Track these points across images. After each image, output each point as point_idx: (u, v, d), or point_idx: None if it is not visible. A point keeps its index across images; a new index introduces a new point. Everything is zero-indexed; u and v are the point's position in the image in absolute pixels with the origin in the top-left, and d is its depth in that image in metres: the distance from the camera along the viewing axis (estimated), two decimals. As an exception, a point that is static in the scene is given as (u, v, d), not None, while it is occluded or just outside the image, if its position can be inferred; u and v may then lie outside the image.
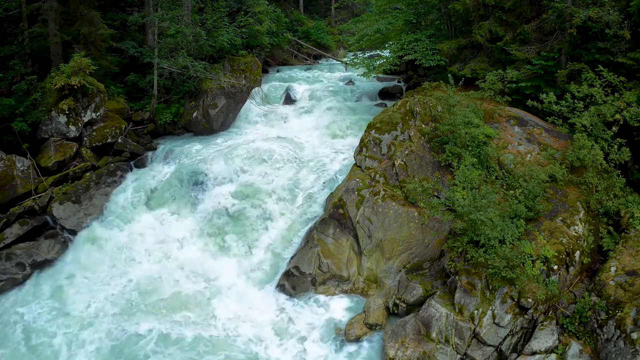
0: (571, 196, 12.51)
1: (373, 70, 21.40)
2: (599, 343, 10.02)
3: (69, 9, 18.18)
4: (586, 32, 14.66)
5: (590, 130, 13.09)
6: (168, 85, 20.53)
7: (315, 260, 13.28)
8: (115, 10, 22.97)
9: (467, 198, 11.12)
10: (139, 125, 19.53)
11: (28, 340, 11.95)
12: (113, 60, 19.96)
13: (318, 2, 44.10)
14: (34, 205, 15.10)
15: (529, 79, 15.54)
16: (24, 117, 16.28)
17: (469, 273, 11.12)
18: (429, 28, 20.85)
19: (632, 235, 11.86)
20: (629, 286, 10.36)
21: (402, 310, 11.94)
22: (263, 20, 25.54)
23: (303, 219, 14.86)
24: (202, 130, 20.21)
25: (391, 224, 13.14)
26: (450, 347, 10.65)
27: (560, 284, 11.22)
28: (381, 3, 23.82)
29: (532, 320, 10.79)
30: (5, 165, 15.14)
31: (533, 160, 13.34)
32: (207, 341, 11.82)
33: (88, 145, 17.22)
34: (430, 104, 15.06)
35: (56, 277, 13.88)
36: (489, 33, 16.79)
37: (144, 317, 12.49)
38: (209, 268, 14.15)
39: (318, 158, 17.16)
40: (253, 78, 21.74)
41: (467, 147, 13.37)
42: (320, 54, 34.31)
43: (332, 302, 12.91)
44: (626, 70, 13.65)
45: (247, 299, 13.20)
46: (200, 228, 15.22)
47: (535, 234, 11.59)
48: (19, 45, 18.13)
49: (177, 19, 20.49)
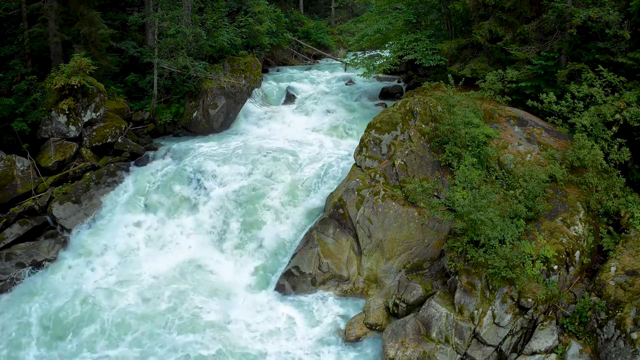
0: (571, 196, 12.51)
1: (373, 70, 21.42)
2: (599, 343, 10.02)
3: (69, 9, 18.17)
4: (586, 32, 14.66)
5: (590, 130, 13.09)
6: (168, 85, 20.53)
7: (315, 260, 13.29)
8: (115, 10, 22.95)
9: (467, 198, 11.13)
10: (139, 125, 19.53)
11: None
12: (113, 60, 19.95)
13: (318, 2, 44.09)
14: (34, 205, 15.09)
15: (529, 79, 15.54)
16: (24, 117, 16.26)
17: (469, 273, 11.12)
18: (429, 28, 20.87)
19: (632, 235, 11.87)
20: (629, 286, 10.37)
21: (402, 310, 11.94)
22: (263, 20, 25.54)
23: (303, 219, 14.86)
24: (202, 130, 20.20)
25: (391, 224, 13.14)
26: (450, 347, 10.65)
27: (560, 284, 11.22)
28: (381, 3, 23.83)
29: (532, 320, 10.80)
30: (5, 165, 15.13)
31: (533, 160, 13.34)
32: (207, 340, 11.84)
33: (88, 145, 17.22)
34: (430, 104, 15.06)
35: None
36: (489, 33, 16.79)
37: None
38: (208, 267, 14.15)
39: (318, 158, 17.16)
40: (253, 78, 21.74)
41: (467, 147, 13.38)
42: (321, 54, 34.30)
43: (332, 302, 12.91)
44: (626, 70, 13.65)
45: (247, 298, 13.20)
46: (200, 228, 15.21)
47: (535, 234, 11.59)
48: (19, 45, 18.12)
49: (177, 19, 20.49)
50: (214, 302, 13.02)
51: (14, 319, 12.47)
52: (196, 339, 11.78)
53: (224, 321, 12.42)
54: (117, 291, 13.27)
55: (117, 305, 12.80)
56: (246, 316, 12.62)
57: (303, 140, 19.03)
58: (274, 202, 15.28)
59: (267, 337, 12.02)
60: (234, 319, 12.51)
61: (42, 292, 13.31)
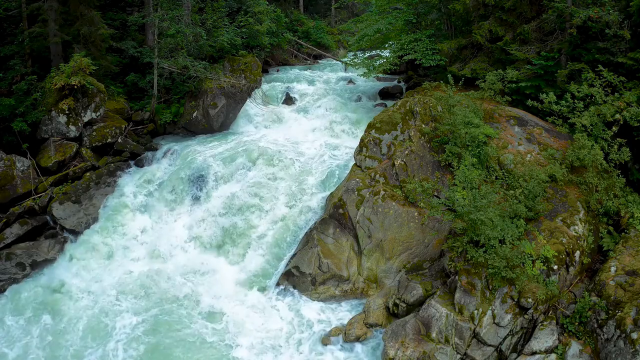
0: (571, 196, 12.51)
1: (373, 70, 21.42)
2: (599, 343, 10.02)
3: (69, 9, 18.18)
4: (586, 32, 14.66)
5: (590, 130, 13.08)
6: (168, 85, 20.52)
7: (315, 260, 13.29)
8: (115, 10, 22.95)
9: (467, 198, 11.12)
10: (139, 125, 19.52)
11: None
12: (113, 60, 19.96)
13: (318, 2, 44.07)
14: (34, 205, 15.10)
15: (529, 79, 15.54)
16: (24, 117, 16.27)
17: (469, 273, 11.12)
18: (429, 28, 20.86)
19: (632, 235, 11.87)
20: (629, 286, 10.37)
21: (402, 310, 11.95)
22: (263, 20, 25.53)
23: (303, 219, 14.86)
24: (202, 130, 20.20)
25: (391, 224, 13.14)
26: (450, 347, 10.65)
27: (560, 284, 11.22)
28: (381, 3, 23.83)
29: (532, 320, 10.79)
30: (5, 165, 15.13)
31: (533, 160, 13.34)
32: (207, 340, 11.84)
33: (88, 145, 17.22)
34: (430, 104, 15.06)
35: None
36: (489, 33, 16.79)
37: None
38: (208, 266, 14.16)
39: (318, 158, 17.17)
40: (253, 78, 21.72)
41: (467, 147, 13.37)
42: (321, 54, 34.29)
43: (332, 302, 12.91)
44: (626, 70, 13.65)
45: (246, 298, 13.20)
46: (200, 227, 15.21)
47: (535, 234, 11.59)
48: (19, 45, 18.12)
49: (177, 19, 20.49)
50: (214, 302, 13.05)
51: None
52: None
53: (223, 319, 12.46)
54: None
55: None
56: (243, 315, 12.63)
57: (303, 140, 19.02)
58: (273, 202, 15.28)
59: (266, 336, 12.02)
60: (233, 318, 12.50)
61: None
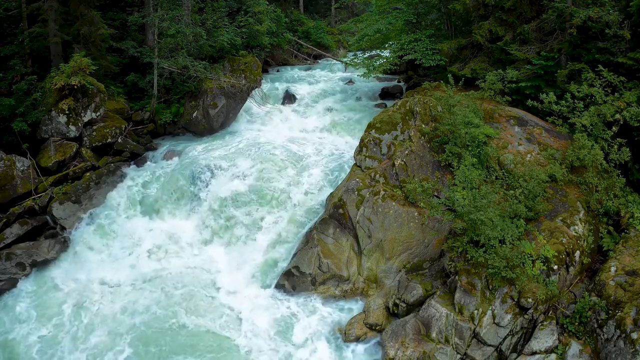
0: (571, 196, 12.51)
1: (373, 70, 21.42)
2: (599, 343, 10.02)
3: (69, 9, 18.17)
4: (586, 32, 14.66)
5: (590, 130, 13.08)
6: (168, 85, 20.53)
7: (315, 260, 13.28)
8: (115, 10, 22.95)
9: (467, 198, 11.12)
10: (139, 125, 19.53)
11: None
12: (113, 60, 19.96)
13: (318, 2, 44.05)
14: (34, 205, 15.09)
15: (529, 79, 15.54)
16: (24, 117, 16.27)
17: (469, 273, 11.12)
18: (429, 28, 20.86)
19: (632, 235, 11.87)
20: (629, 286, 10.37)
21: (402, 310, 11.94)
22: (263, 20, 25.52)
23: (303, 219, 14.86)
24: (202, 130, 20.20)
25: (391, 224, 13.14)
26: (450, 347, 10.65)
27: (560, 284, 11.22)
28: (381, 3, 23.83)
29: (532, 320, 10.80)
30: (5, 165, 15.13)
31: (533, 160, 13.34)
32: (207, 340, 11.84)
33: (88, 145, 17.22)
34: (430, 104, 15.06)
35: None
36: (489, 33, 16.79)
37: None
38: (208, 266, 14.16)
39: (318, 158, 17.17)
40: (253, 78, 21.72)
41: (467, 147, 13.37)
42: (321, 54, 34.27)
43: (332, 302, 12.91)
44: (626, 70, 13.65)
45: (247, 298, 13.20)
46: (201, 227, 15.22)
47: (535, 234, 11.59)
48: (19, 45, 18.12)
49: (177, 19, 20.49)
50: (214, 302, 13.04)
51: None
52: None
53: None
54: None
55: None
56: (242, 316, 12.64)
57: (303, 140, 19.04)
58: (273, 202, 15.28)
59: (266, 336, 12.02)
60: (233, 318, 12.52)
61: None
